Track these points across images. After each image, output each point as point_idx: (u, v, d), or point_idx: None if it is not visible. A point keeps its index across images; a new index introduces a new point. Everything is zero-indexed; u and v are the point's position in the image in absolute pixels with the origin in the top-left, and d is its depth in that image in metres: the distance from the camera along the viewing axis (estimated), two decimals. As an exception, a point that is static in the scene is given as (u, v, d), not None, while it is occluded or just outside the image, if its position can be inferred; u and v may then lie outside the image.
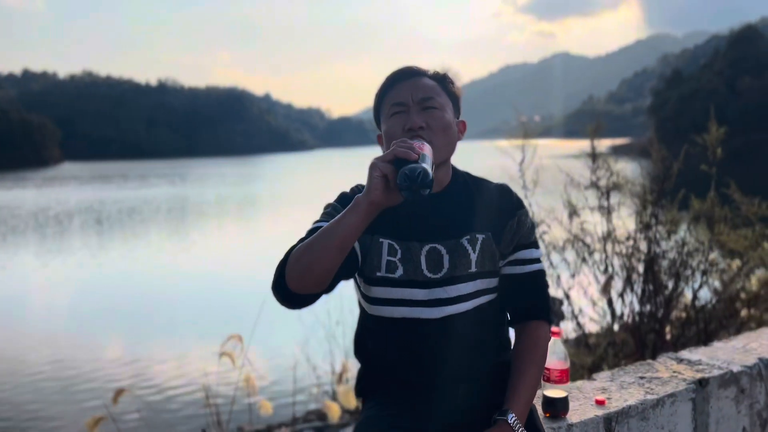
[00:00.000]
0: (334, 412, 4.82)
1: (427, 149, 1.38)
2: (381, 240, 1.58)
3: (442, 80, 1.65)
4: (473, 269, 1.59)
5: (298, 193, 41.49)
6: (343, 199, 1.63)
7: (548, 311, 1.68)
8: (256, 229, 24.29)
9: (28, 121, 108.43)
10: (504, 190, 1.69)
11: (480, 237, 1.61)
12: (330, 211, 1.59)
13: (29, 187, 52.35)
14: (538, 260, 1.68)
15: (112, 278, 15.17)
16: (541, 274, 1.69)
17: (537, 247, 1.69)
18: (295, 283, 1.42)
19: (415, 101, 1.57)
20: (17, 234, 23.55)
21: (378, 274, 1.58)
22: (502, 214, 1.65)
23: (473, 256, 1.59)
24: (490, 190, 1.68)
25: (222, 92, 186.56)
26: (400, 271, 1.57)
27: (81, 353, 9.19)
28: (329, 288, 1.49)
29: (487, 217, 1.64)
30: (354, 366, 6.76)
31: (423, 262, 1.58)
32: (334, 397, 6.85)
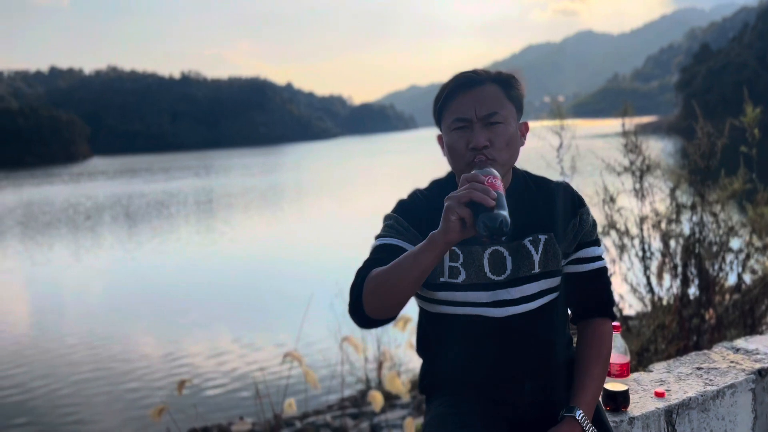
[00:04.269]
0: (378, 401, 4.84)
1: (499, 183, 1.35)
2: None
3: (505, 83, 1.59)
4: (537, 270, 1.59)
5: (323, 182, 41.68)
6: (404, 209, 1.62)
7: (611, 308, 1.68)
8: (285, 220, 24.44)
9: (57, 117, 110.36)
10: (565, 189, 1.68)
11: (542, 238, 1.61)
12: (392, 224, 1.59)
13: (57, 183, 53.33)
14: (600, 258, 1.67)
15: (146, 273, 15.40)
16: (604, 271, 1.68)
17: (599, 244, 1.68)
18: (373, 312, 1.47)
19: (478, 117, 1.54)
20: (51, 230, 24.03)
21: (441, 279, 1.59)
22: (563, 213, 1.64)
23: (536, 257, 1.59)
24: (551, 189, 1.67)
25: (244, 83, 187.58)
26: (462, 276, 1.57)
27: (121, 351, 9.32)
28: None
29: (548, 217, 1.63)
30: (396, 355, 6.82)
31: (486, 265, 1.58)
32: (368, 384, 6.91)
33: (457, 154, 1.55)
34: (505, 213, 1.29)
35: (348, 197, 30.79)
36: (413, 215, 1.59)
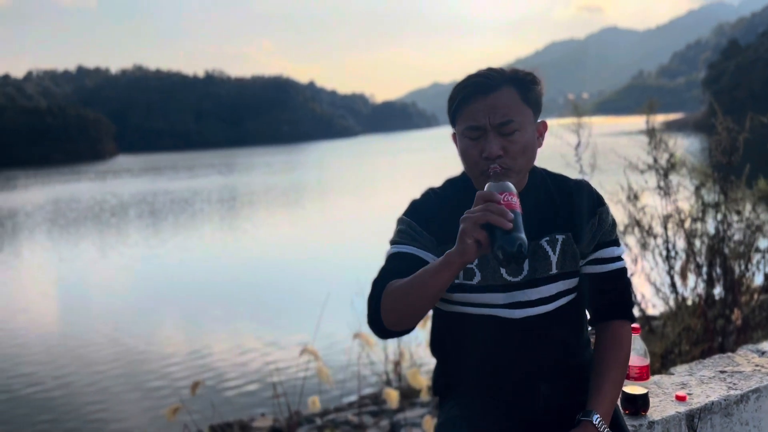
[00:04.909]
0: (393, 399, 4.87)
1: (515, 200, 1.31)
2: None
3: (522, 84, 1.52)
4: (554, 271, 1.56)
5: (345, 180, 41.76)
6: (416, 212, 1.59)
7: (631, 310, 1.64)
8: (307, 217, 24.54)
9: (84, 116, 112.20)
10: (583, 187, 1.63)
11: (560, 238, 1.57)
12: (404, 229, 1.57)
13: (84, 181, 54.14)
14: (619, 258, 1.63)
15: (170, 269, 15.57)
16: (623, 272, 1.64)
17: (618, 244, 1.64)
18: (393, 325, 1.49)
19: (492, 126, 1.48)
20: (78, 226, 24.41)
21: (456, 281, 1.56)
22: (582, 212, 1.59)
23: (553, 258, 1.56)
24: (569, 187, 1.63)
25: (267, 81, 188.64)
26: (477, 278, 1.55)
27: (145, 348, 9.41)
28: None
29: (566, 216, 1.59)
30: (417, 353, 6.81)
31: None
32: (388, 382, 6.90)
33: (471, 162, 1.53)
34: (522, 236, 1.26)
35: (369, 195, 30.79)
36: (426, 218, 1.57)
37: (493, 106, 1.48)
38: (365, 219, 21.35)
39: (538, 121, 1.57)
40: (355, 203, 27.69)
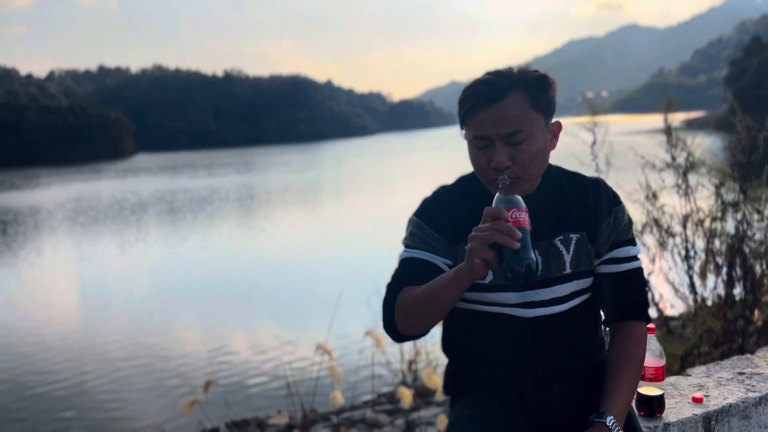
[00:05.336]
0: (407, 399, 4.88)
1: (523, 217, 1.30)
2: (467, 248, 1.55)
3: (532, 88, 1.46)
4: (568, 270, 1.54)
5: (362, 178, 41.81)
6: (426, 212, 1.58)
7: (646, 310, 1.62)
8: (324, 216, 24.59)
9: (105, 115, 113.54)
10: (599, 186, 1.61)
11: (574, 237, 1.55)
12: (415, 231, 1.56)
13: (104, 179, 54.74)
14: (635, 257, 1.61)
15: (188, 267, 15.68)
16: (639, 272, 1.62)
17: (634, 243, 1.62)
18: (407, 332, 1.52)
19: (499, 136, 1.45)
20: (98, 224, 24.67)
21: None
22: (597, 211, 1.57)
23: (567, 257, 1.54)
24: (585, 185, 1.60)
25: (285, 80, 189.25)
26: (490, 277, 1.53)
27: (164, 346, 9.47)
28: None
29: (581, 215, 1.56)
30: (433, 352, 6.80)
31: None
32: (404, 381, 6.90)
33: (480, 170, 1.52)
34: (531, 255, 1.25)
35: (386, 194, 30.79)
36: (436, 218, 1.56)
37: (500, 116, 1.44)
38: (382, 218, 21.34)
39: (552, 121, 1.53)
40: (372, 202, 27.71)
